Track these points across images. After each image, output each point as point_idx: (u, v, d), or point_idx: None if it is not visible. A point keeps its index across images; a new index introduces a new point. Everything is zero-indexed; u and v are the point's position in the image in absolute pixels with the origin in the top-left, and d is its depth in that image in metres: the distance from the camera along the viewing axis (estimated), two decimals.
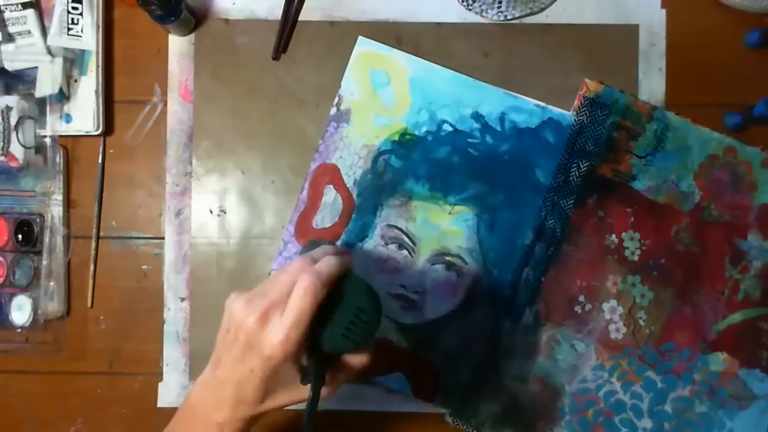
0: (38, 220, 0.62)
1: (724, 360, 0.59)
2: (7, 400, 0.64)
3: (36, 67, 0.61)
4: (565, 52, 0.62)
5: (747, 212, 0.59)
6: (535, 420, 0.60)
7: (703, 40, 0.62)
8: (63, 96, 0.61)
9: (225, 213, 0.63)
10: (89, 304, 0.63)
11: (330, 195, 0.61)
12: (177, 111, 0.63)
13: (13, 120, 0.61)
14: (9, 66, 0.61)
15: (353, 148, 0.61)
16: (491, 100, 0.61)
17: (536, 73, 0.62)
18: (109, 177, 0.64)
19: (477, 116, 0.61)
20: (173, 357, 0.62)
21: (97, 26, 0.62)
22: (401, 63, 0.61)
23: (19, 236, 0.62)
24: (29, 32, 0.61)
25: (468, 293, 0.60)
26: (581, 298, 0.60)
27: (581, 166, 0.59)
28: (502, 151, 0.60)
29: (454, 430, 0.61)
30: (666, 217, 0.59)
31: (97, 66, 0.62)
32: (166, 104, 0.63)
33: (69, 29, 0.61)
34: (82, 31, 0.61)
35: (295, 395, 0.43)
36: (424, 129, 0.61)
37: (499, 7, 0.62)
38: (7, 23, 0.61)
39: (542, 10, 0.62)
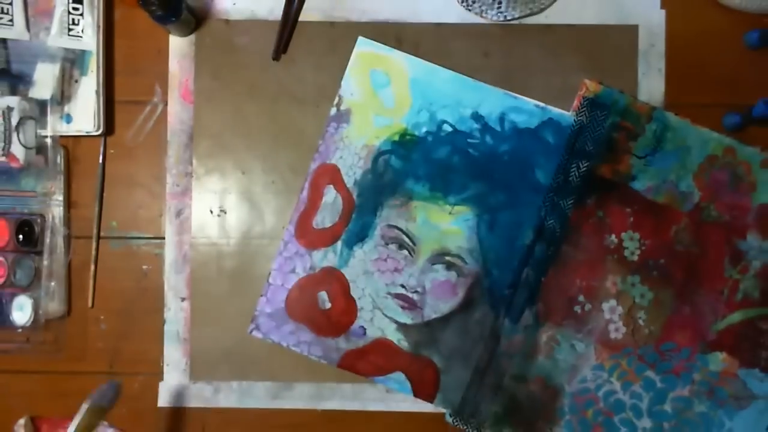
0: (39, 220, 0.62)
1: (723, 360, 0.59)
2: (7, 400, 0.64)
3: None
4: (564, 53, 0.62)
5: (746, 212, 0.60)
6: (535, 420, 0.60)
7: (702, 40, 0.62)
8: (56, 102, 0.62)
9: (225, 213, 0.63)
10: (90, 304, 0.63)
11: (330, 195, 0.61)
12: (177, 111, 0.63)
13: (14, 120, 0.61)
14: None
15: (353, 148, 0.61)
16: (491, 101, 0.61)
17: (536, 74, 0.62)
18: (110, 177, 0.64)
19: (477, 116, 0.61)
20: (173, 357, 0.62)
21: (98, 26, 0.62)
22: (401, 63, 0.61)
23: (20, 236, 0.62)
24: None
25: (468, 293, 0.60)
26: (581, 298, 0.60)
27: (581, 166, 0.59)
28: (502, 152, 0.60)
29: (454, 430, 0.61)
30: (665, 217, 0.60)
31: (98, 66, 0.62)
32: (166, 104, 0.63)
33: (69, 29, 0.61)
34: (82, 31, 0.61)
35: None
36: (424, 129, 0.61)
37: (498, 8, 0.62)
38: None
39: (542, 10, 0.62)
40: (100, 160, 0.63)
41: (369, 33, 0.62)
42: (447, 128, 0.61)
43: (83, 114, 0.62)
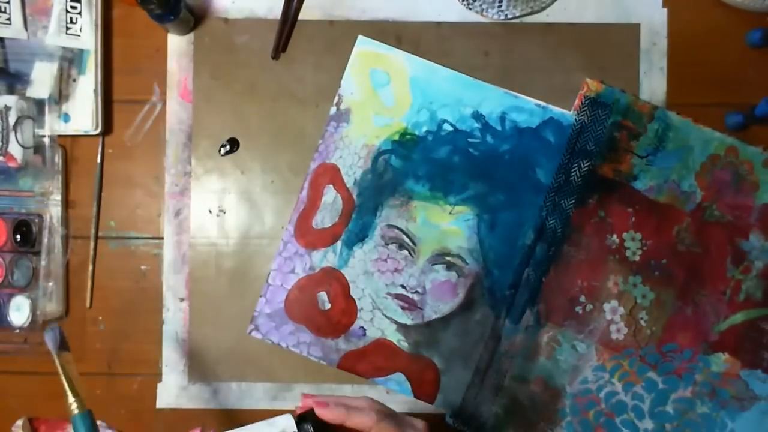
0: (37, 220, 0.62)
1: (725, 361, 0.59)
2: (5, 401, 0.64)
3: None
4: (565, 52, 0.62)
5: (749, 212, 0.59)
6: (536, 421, 0.60)
7: (704, 39, 0.62)
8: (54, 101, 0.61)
9: (224, 213, 0.63)
10: (88, 305, 0.63)
11: (330, 195, 0.61)
12: (176, 110, 0.63)
13: (12, 120, 0.60)
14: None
15: (353, 147, 0.61)
16: (492, 100, 0.60)
17: (537, 73, 0.62)
18: (108, 177, 0.63)
19: (477, 116, 0.60)
20: (172, 358, 0.62)
21: (96, 25, 0.62)
22: (401, 62, 0.61)
23: (18, 236, 0.61)
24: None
25: (468, 293, 0.60)
26: (582, 299, 0.59)
27: (582, 165, 0.59)
28: (503, 151, 0.60)
29: (455, 431, 0.60)
30: (667, 217, 0.59)
31: (96, 65, 0.62)
32: (165, 104, 0.63)
33: (68, 28, 0.61)
34: (80, 30, 0.61)
35: None
36: (424, 129, 0.61)
37: (499, 6, 0.61)
38: None
39: (543, 9, 0.62)
40: (99, 160, 0.63)
41: (369, 32, 0.62)
42: (447, 127, 0.60)
43: (81, 113, 0.62)
